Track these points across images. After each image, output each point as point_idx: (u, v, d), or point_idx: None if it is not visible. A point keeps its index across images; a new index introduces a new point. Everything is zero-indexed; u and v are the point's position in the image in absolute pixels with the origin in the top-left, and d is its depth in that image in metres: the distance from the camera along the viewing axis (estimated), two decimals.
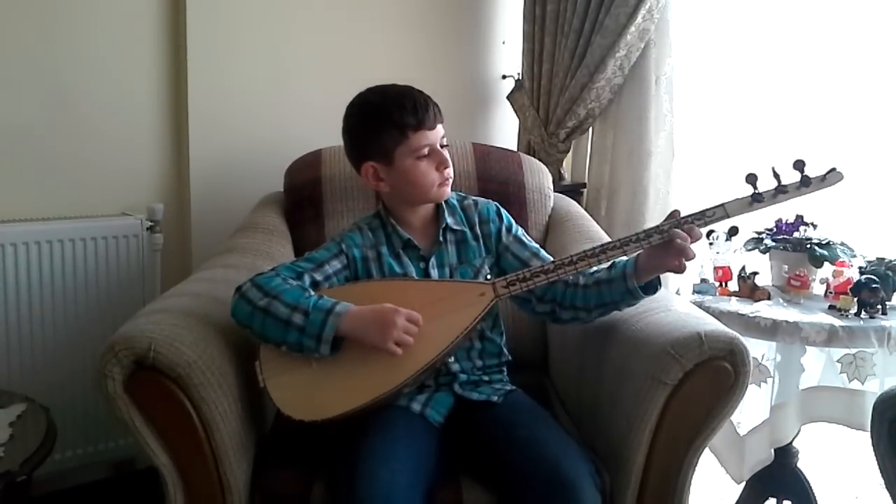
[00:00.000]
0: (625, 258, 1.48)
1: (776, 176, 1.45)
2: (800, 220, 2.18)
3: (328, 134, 2.32)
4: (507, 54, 2.93)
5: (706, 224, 1.47)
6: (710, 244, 2.17)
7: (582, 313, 1.55)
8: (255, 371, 1.43)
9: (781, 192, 1.46)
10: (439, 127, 1.55)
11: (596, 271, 1.52)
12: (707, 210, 1.48)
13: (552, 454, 1.36)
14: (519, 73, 2.85)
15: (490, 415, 1.52)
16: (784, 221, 2.20)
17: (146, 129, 2.33)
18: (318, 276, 1.52)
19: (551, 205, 2.22)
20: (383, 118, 1.52)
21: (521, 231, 1.68)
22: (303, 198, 2.13)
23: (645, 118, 2.60)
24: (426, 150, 1.53)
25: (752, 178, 1.47)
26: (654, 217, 2.63)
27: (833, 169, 1.45)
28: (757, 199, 1.46)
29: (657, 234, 1.43)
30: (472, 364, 1.59)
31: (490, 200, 1.71)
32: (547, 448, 1.38)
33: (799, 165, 1.43)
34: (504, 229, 1.66)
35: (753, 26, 2.58)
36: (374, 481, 1.29)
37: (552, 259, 1.60)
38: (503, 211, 1.69)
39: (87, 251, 2.14)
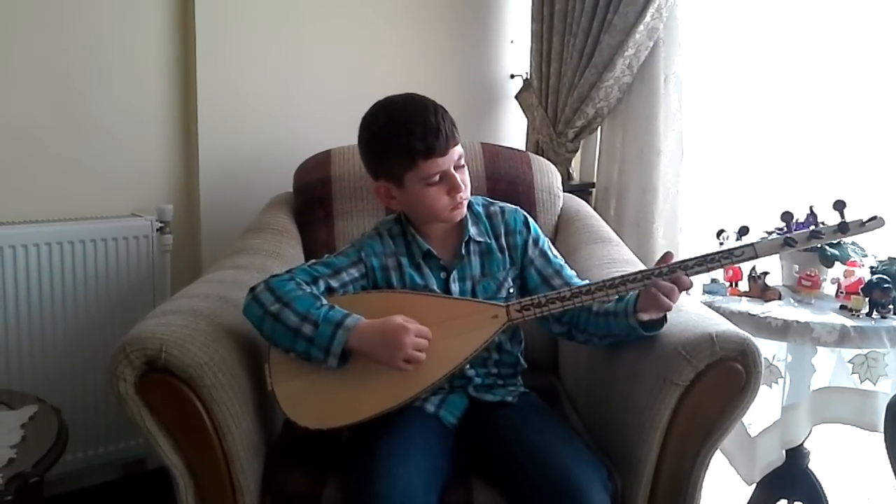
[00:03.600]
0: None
1: (813, 216, 1.40)
2: (811, 220, 2.17)
3: (337, 134, 2.33)
4: (515, 54, 2.93)
5: (734, 263, 1.46)
6: (721, 244, 2.16)
7: (594, 339, 1.55)
8: (264, 374, 1.43)
9: (815, 236, 1.42)
10: (453, 151, 1.47)
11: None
12: (735, 249, 1.45)
13: (562, 460, 1.35)
14: (527, 73, 2.85)
15: (503, 416, 1.51)
16: (795, 221, 2.18)
17: (156, 130, 2.33)
18: (335, 283, 1.50)
19: (560, 204, 2.21)
20: (391, 142, 1.46)
21: (547, 244, 1.64)
22: (312, 198, 2.13)
23: (654, 117, 2.59)
24: (437, 178, 1.47)
25: (787, 217, 1.42)
26: (663, 216, 2.63)
27: (875, 217, 1.41)
28: (789, 244, 1.44)
29: (681, 270, 1.41)
30: (487, 370, 1.59)
31: (517, 208, 1.66)
32: (557, 454, 1.37)
33: (839, 206, 1.39)
34: (531, 241, 1.61)
35: (762, 25, 2.57)
36: (392, 481, 1.29)
37: (575, 278, 1.60)
38: (531, 221, 1.64)
39: (97, 252, 2.15)
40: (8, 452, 1.49)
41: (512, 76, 2.94)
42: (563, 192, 2.27)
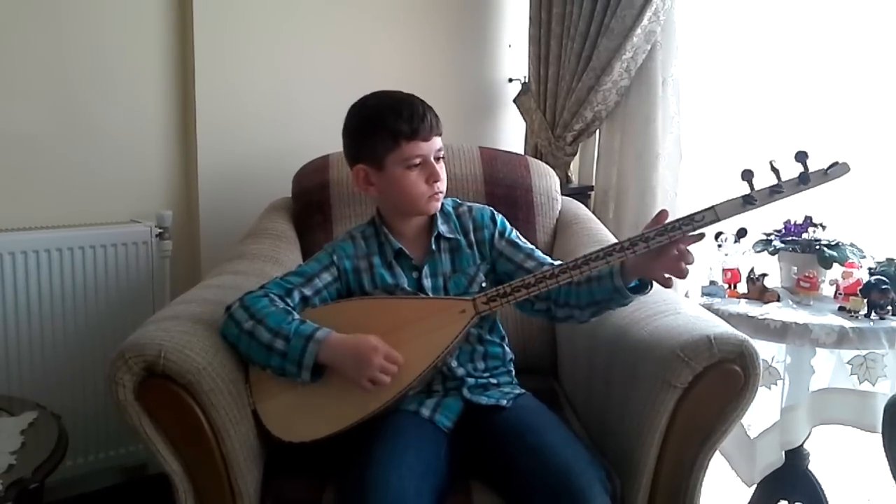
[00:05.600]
0: None
1: (775, 171, 1.31)
2: (809, 222, 2.17)
3: (335, 139, 2.31)
4: (513, 58, 2.94)
5: (695, 228, 1.36)
6: (719, 246, 2.16)
7: (576, 311, 1.53)
8: (245, 393, 1.44)
9: (776, 191, 1.34)
10: (436, 140, 1.53)
11: None
12: (696, 214, 1.37)
13: (561, 461, 1.35)
14: (525, 77, 2.85)
15: (499, 419, 1.51)
16: (793, 223, 2.19)
17: (154, 136, 2.34)
18: (308, 291, 1.53)
19: (559, 208, 2.22)
20: (377, 122, 1.52)
21: (514, 233, 1.66)
22: (311, 203, 2.13)
23: (652, 120, 2.59)
24: (417, 161, 1.51)
25: (747, 175, 1.33)
26: None
27: (836, 162, 1.33)
28: (749, 201, 1.35)
29: (642, 243, 1.37)
30: (475, 366, 1.59)
31: (485, 206, 1.69)
32: (556, 455, 1.37)
33: (801, 157, 1.31)
34: (497, 234, 1.64)
35: (760, 27, 2.58)
36: (384, 488, 1.29)
37: (548, 259, 1.60)
38: (498, 215, 1.67)
39: (96, 258, 2.15)
40: (8, 458, 1.49)
41: (510, 80, 2.95)
42: (562, 195, 2.27)
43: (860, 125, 2.50)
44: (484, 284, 1.60)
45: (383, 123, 1.51)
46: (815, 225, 2.16)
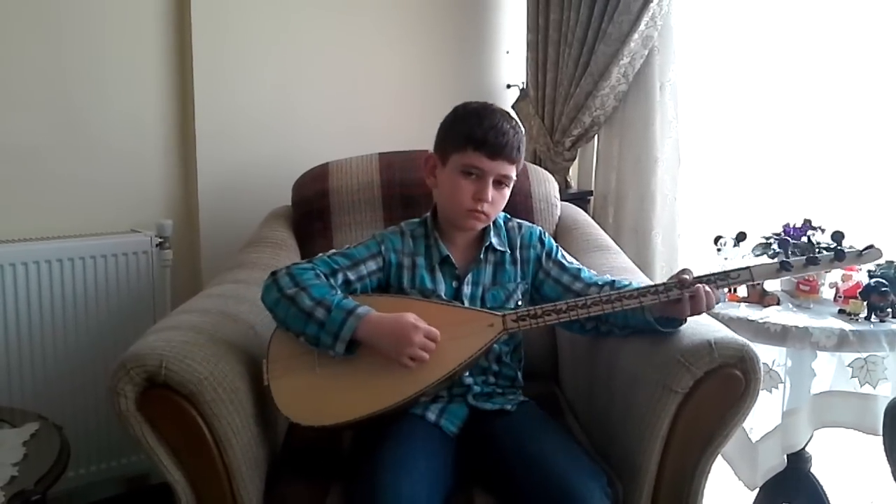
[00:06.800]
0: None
1: (812, 246, 1.47)
2: (808, 225, 2.17)
3: (334, 147, 2.34)
4: (511, 64, 2.94)
5: (729, 285, 1.49)
6: (718, 250, 2.16)
7: (615, 329, 1.58)
8: (261, 370, 1.44)
9: (812, 263, 1.47)
10: (503, 164, 1.54)
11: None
12: (732, 271, 1.49)
13: (561, 469, 1.35)
14: (523, 83, 2.86)
15: (502, 424, 1.52)
16: (792, 226, 2.19)
17: (154, 146, 2.34)
18: (352, 276, 1.53)
19: (558, 213, 2.22)
20: (461, 121, 1.56)
21: (561, 253, 1.68)
22: (311, 211, 2.14)
23: (650, 125, 2.60)
24: (472, 171, 1.53)
25: (784, 245, 1.50)
26: (661, 223, 2.63)
27: (871, 246, 1.46)
28: (785, 268, 1.48)
29: (676, 291, 1.44)
30: (486, 379, 1.60)
31: (534, 225, 1.71)
32: (556, 463, 1.37)
33: (837, 237, 1.46)
34: (544, 255, 1.65)
35: (758, 31, 2.58)
36: (395, 493, 1.29)
37: (594, 278, 1.62)
38: (546, 235, 1.69)
39: (97, 269, 2.15)
40: (10, 470, 1.49)
41: (508, 86, 2.95)
42: (561, 200, 2.28)
43: (859, 127, 2.50)
44: (520, 302, 1.61)
45: (465, 124, 1.55)
46: (815, 228, 2.16)
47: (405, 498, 1.29)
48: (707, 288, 1.44)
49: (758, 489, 2.09)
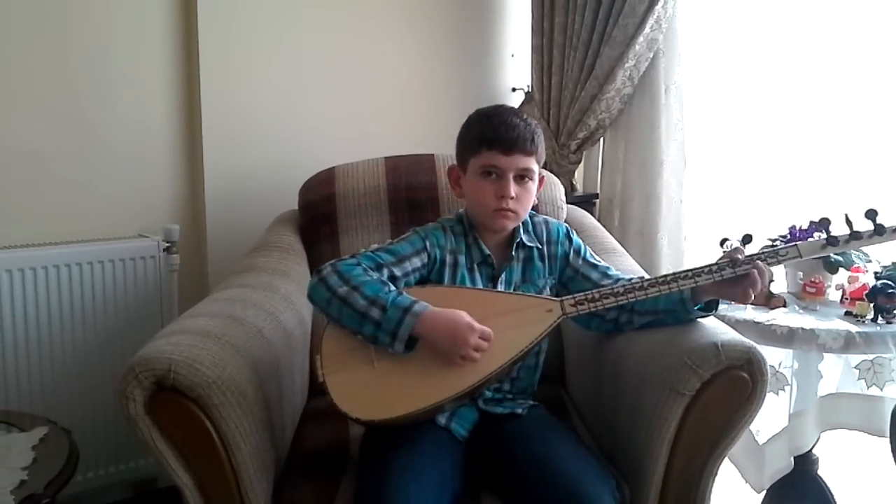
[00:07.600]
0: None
1: (848, 223, 1.51)
2: (813, 227, 2.17)
3: (341, 151, 2.34)
4: (516, 67, 2.95)
5: (778, 262, 1.53)
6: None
7: (635, 317, 1.58)
8: (314, 364, 1.44)
9: (855, 237, 1.52)
10: (520, 158, 1.53)
11: None
12: (780, 249, 1.53)
13: (570, 473, 1.36)
14: (529, 86, 2.86)
15: (512, 428, 1.52)
16: (798, 228, 2.19)
17: (161, 151, 2.35)
18: (398, 272, 1.51)
19: (564, 216, 2.22)
20: (471, 126, 1.58)
21: (589, 252, 1.68)
22: (317, 215, 2.14)
23: (656, 127, 2.60)
24: (491, 171, 1.53)
25: (825, 222, 1.53)
26: (667, 225, 2.63)
27: None
28: (831, 243, 1.53)
29: (730, 269, 1.47)
30: (501, 387, 1.60)
31: (561, 222, 1.72)
32: (565, 467, 1.37)
33: (871, 215, 1.50)
34: (573, 252, 1.66)
35: (762, 33, 2.58)
36: (403, 496, 1.29)
37: (619, 274, 1.63)
38: (573, 233, 1.70)
39: (104, 273, 2.16)
40: (20, 474, 1.50)
41: (514, 89, 2.96)
42: (567, 203, 2.27)
43: (865, 129, 2.50)
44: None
45: (476, 127, 1.56)
46: (820, 230, 2.16)
47: (413, 499, 1.29)
48: (762, 265, 1.46)
49: (765, 491, 2.09)
